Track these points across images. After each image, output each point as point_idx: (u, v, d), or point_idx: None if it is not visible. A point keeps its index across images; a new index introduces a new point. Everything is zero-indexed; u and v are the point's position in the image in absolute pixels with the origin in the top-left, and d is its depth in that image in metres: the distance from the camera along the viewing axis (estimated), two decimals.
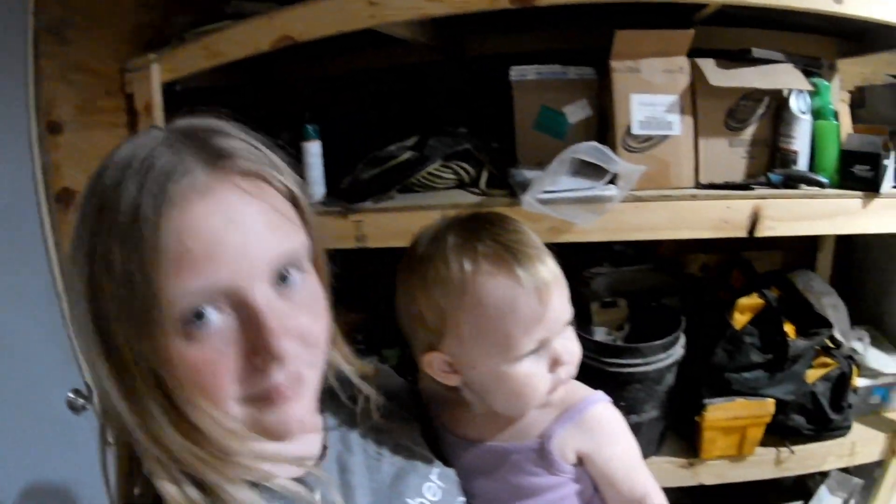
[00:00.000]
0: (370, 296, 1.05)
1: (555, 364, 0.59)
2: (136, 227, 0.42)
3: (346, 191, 0.89)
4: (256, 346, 0.45)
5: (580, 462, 0.61)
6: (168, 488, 0.46)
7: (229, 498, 0.47)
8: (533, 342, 0.57)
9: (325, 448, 0.59)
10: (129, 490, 0.51)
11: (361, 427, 0.61)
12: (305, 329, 0.49)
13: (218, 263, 0.44)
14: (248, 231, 0.45)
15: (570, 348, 0.60)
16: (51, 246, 1.10)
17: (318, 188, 0.91)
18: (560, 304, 0.58)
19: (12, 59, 0.99)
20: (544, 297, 0.56)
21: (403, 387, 0.73)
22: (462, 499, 0.63)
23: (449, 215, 0.62)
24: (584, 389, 0.64)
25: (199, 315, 0.44)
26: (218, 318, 0.45)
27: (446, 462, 0.65)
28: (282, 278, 0.48)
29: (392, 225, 0.89)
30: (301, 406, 0.50)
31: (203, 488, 0.47)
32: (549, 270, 0.58)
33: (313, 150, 0.89)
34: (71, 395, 1.07)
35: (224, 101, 0.53)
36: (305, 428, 0.51)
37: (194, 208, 0.44)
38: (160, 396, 0.45)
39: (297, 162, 0.53)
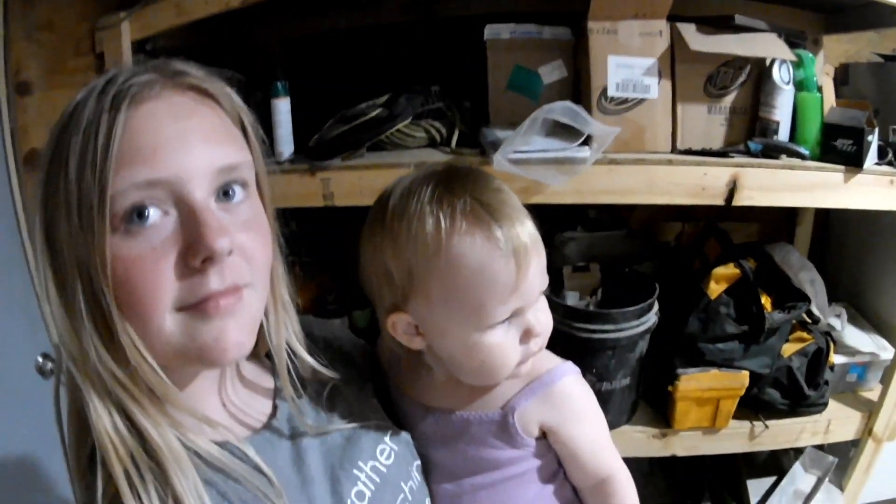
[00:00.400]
0: (341, 256, 1.04)
1: (527, 335, 0.56)
2: (93, 125, 0.45)
3: (313, 149, 0.87)
4: (194, 245, 0.45)
5: (544, 436, 0.59)
6: (99, 420, 0.45)
7: (155, 442, 0.46)
8: (506, 311, 0.54)
9: (275, 408, 0.57)
10: (82, 431, 0.49)
11: (312, 388, 0.60)
12: (246, 244, 0.49)
13: (164, 157, 0.45)
14: (195, 133, 0.47)
15: (543, 320, 0.57)
16: (19, 209, 1.08)
17: (287, 146, 0.89)
18: (537, 272, 0.55)
19: None
20: (522, 263, 0.53)
21: (357, 345, 0.71)
22: (417, 462, 0.61)
23: (423, 167, 0.58)
24: (552, 359, 0.61)
25: (140, 213, 0.45)
26: (158, 217, 0.46)
27: (401, 426, 0.63)
28: (225, 194, 0.49)
29: (360, 183, 0.87)
30: (238, 327, 0.48)
31: (133, 427, 0.46)
32: (529, 234, 0.54)
33: (282, 107, 0.87)
34: (40, 359, 1.05)
35: (195, 60, 0.52)
36: (242, 353, 0.50)
37: (146, 107, 0.46)
38: (97, 312, 0.45)
39: (266, 120, 0.53)
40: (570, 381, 0.60)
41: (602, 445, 0.61)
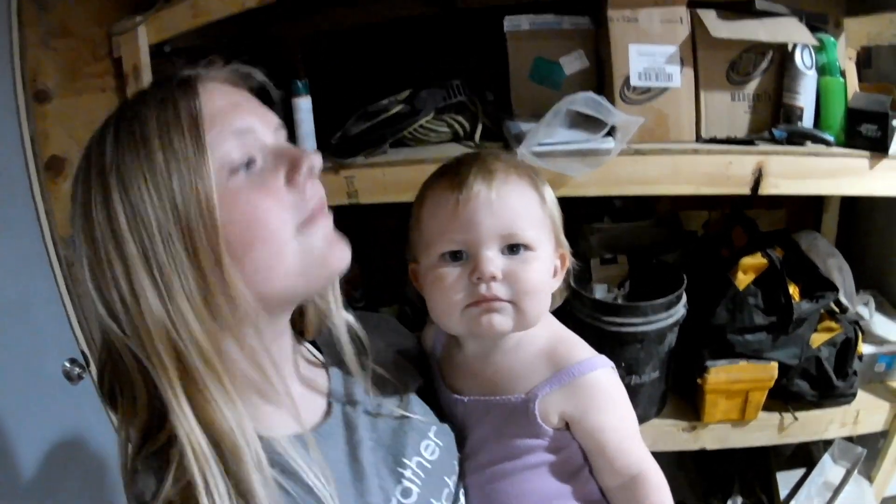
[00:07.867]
0: (367, 252, 1.03)
1: (472, 274, 0.57)
2: None
3: (336, 146, 0.87)
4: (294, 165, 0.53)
5: (567, 427, 0.58)
6: (183, 418, 0.45)
7: (235, 441, 0.46)
8: (448, 242, 0.58)
9: (330, 405, 0.58)
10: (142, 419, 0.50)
11: (363, 379, 0.60)
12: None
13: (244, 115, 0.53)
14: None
15: (496, 265, 0.57)
16: (42, 214, 1.08)
17: (309, 144, 0.89)
18: (486, 216, 0.57)
19: None
20: (467, 205, 0.57)
21: (409, 340, 0.72)
22: (458, 455, 0.61)
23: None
24: (584, 351, 0.60)
25: (248, 164, 0.52)
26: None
27: (444, 417, 0.64)
28: None
29: (384, 179, 0.86)
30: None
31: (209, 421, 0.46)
32: (484, 189, 0.57)
33: (303, 105, 0.87)
34: (67, 364, 1.05)
35: (218, 58, 0.52)
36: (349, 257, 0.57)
37: None
38: (203, 274, 0.47)
39: (288, 119, 0.53)
40: (600, 375, 0.58)
41: (630, 437, 0.59)
